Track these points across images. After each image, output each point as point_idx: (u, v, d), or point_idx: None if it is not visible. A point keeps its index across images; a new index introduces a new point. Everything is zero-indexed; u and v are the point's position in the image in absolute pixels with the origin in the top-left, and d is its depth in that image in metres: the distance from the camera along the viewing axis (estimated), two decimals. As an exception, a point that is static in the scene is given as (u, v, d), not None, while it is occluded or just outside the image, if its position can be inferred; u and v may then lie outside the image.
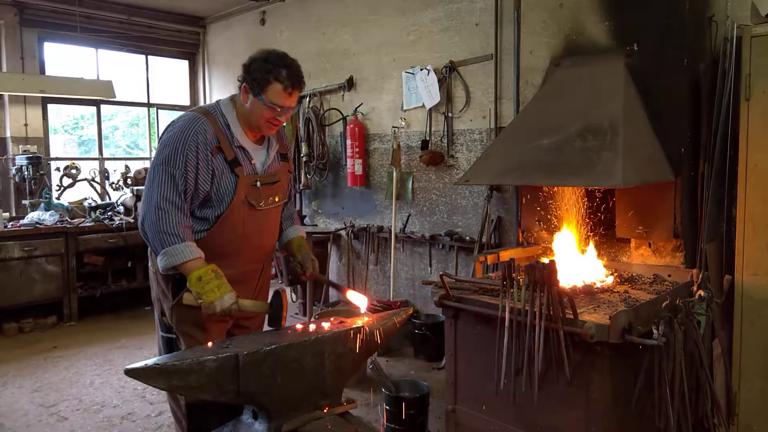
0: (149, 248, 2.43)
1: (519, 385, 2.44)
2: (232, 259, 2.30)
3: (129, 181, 6.17)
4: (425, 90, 4.85)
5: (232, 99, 2.32)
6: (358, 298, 2.32)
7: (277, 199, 2.41)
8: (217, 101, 2.35)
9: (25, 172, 5.94)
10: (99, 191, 6.64)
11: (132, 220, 5.83)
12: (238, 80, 2.25)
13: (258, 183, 2.29)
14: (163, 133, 2.27)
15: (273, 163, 2.39)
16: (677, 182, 3.08)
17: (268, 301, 2.17)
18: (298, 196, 6.18)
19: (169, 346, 2.40)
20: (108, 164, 7.15)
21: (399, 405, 3.26)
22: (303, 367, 1.91)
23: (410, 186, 5.11)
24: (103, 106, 7.24)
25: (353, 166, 5.44)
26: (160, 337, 2.46)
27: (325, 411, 1.96)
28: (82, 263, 5.73)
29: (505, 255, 3.23)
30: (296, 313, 5.46)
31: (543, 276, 2.33)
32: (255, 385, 1.81)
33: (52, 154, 6.86)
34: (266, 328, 2.21)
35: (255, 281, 2.50)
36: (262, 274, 2.54)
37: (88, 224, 5.70)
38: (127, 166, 6.44)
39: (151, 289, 2.49)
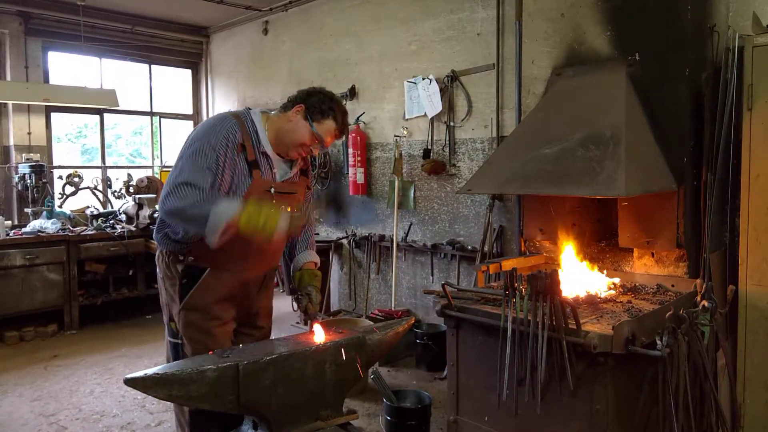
0: (157, 254, 2.43)
1: (521, 396, 2.42)
2: (236, 263, 2.30)
3: (131, 190, 6.16)
4: (427, 99, 4.85)
5: (263, 113, 2.35)
6: (319, 332, 2.16)
7: (288, 210, 2.39)
8: (247, 108, 2.39)
9: (28, 180, 5.94)
10: (101, 199, 6.65)
11: (134, 229, 5.83)
12: (290, 99, 2.33)
13: (272, 189, 2.30)
14: (191, 133, 2.29)
15: (293, 177, 2.42)
16: (680, 191, 3.06)
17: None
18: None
19: (177, 351, 2.39)
20: (110, 173, 7.16)
21: (400, 415, 3.25)
22: (304, 377, 1.90)
23: (412, 195, 5.10)
24: (106, 115, 7.26)
25: (355, 175, 5.44)
26: (168, 343, 2.46)
27: (326, 421, 1.95)
28: (83, 271, 5.71)
29: (508, 264, 3.21)
30: (297, 323, 5.44)
31: (545, 286, 2.32)
32: (255, 395, 1.80)
33: (55, 163, 6.88)
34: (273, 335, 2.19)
35: (257, 287, 2.49)
36: (264, 283, 2.53)
37: (89, 232, 5.69)
38: (129, 175, 6.44)
39: (159, 295, 2.49)
